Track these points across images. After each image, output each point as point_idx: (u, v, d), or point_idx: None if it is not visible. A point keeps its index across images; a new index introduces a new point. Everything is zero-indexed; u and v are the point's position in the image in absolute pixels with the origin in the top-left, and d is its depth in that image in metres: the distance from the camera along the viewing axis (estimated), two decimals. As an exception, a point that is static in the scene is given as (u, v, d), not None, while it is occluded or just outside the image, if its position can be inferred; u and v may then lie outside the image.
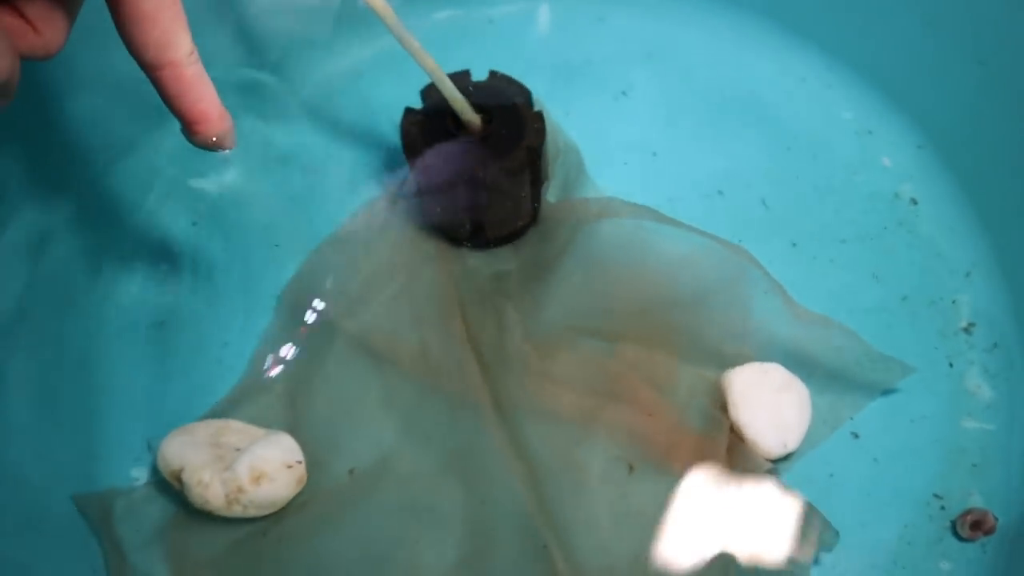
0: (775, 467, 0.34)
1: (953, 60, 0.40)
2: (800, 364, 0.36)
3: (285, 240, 0.40)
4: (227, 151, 0.30)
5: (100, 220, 0.39)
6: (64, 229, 0.38)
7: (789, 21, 0.45)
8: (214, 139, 0.29)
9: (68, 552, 0.33)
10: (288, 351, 0.37)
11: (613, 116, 0.43)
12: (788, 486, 0.34)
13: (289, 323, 0.38)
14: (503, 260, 0.39)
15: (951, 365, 0.37)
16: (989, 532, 0.33)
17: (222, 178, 0.42)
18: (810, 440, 0.35)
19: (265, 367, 0.37)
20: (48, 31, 0.26)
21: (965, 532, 0.33)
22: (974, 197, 0.40)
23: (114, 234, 0.40)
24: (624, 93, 0.44)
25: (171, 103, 0.28)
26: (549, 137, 0.39)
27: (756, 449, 0.34)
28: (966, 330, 0.38)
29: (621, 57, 0.45)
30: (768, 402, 0.34)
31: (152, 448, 0.35)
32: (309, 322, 0.37)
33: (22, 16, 0.25)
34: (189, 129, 0.29)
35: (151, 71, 0.27)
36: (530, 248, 0.39)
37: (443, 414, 0.35)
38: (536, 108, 0.37)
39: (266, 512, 0.33)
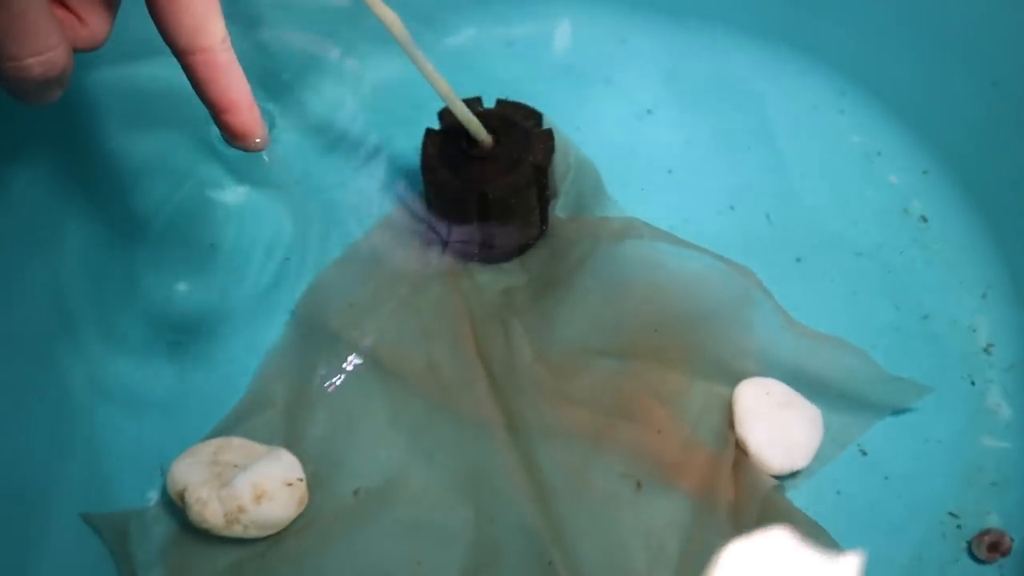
0: (781, 484, 0.34)
1: (966, 81, 0.40)
2: (807, 383, 0.35)
3: (297, 256, 0.40)
4: (261, 151, 0.30)
5: (117, 236, 0.40)
6: (81, 243, 0.38)
7: (802, 44, 0.45)
8: (245, 133, 0.29)
9: (79, 571, 0.33)
10: (296, 366, 0.37)
11: (631, 135, 0.43)
12: (795, 504, 0.33)
13: (298, 339, 0.38)
14: (512, 275, 0.39)
15: (973, 383, 0.37)
16: (1005, 554, 0.32)
17: (238, 194, 0.42)
18: (820, 459, 0.34)
19: (270, 384, 0.37)
20: (93, 21, 0.26)
21: (982, 553, 0.33)
22: (990, 218, 0.40)
23: (130, 250, 0.40)
24: (644, 113, 0.44)
25: (201, 90, 0.28)
26: (559, 155, 0.39)
27: (760, 465, 0.34)
28: (986, 350, 0.37)
29: (640, 78, 0.45)
30: (771, 418, 0.34)
31: (163, 470, 0.35)
32: (320, 338, 0.38)
33: (68, 8, 0.26)
34: (218, 119, 0.29)
35: (183, 56, 0.27)
36: (539, 264, 0.39)
37: (451, 431, 0.35)
38: (546, 127, 0.38)
39: (266, 533, 0.33)
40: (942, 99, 0.41)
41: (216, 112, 0.28)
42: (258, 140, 0.29)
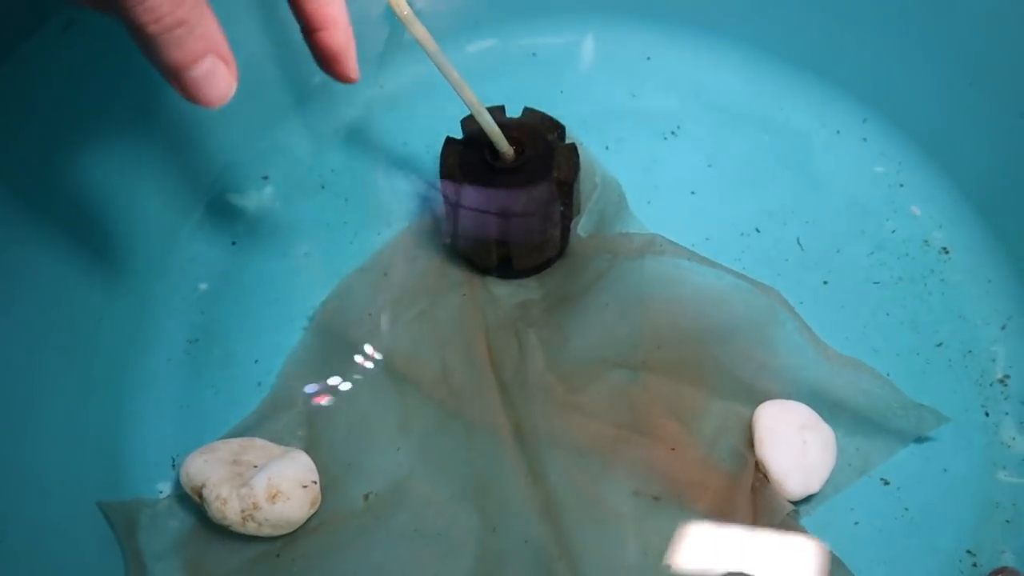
0: (797, 510, 0.34)
1: (993, 114, 0.40)
2: (827, 405, 0.35)
3: (318, 262, 0.41)
4: (354, 82, 0.29)
5: (143, 237, 0.40)
6: (106, 240, 0.39)
7: (827, 70, 0.45)
8: (339, 54, 0.28)
9: (90, 559, 0.33)
10: (313, 372, 0.37)
11: (654, 153, 0.43)
12: (812, 533, 0.33)
13: (317, 345, 0.38)
14: (529, 290, 0.39)
15: (987, 415, 0.36)
16: (1019, 591, 0.32)
17: (262, 199, 0.43)
18: (834, 484, 0.34)
19: (290, 387, 0.37)
20: None
21: (994, 591, 0.32)
22: (1012, 250, 0.40)
23: (154, 251, 0.41)
24: (668, 132, 0.44)
25: (299, 5, 0.28)
26: (585, 171, 0.39)
27: (779, 489, 0.33)
28: (1001, 381, 0.37)
29: (665, 96, 0.45)
30: (792, 441, 0.34)
31: (176, 465, 0.35)
32: (338, 345, 0.38)
33: None
34: (312, 38, 0.28)
35: None
36: (557, 280, 0.39)
37: (461, 440, 0.35)
38: (570, 142, 0.37)
39: (280, 532, 0.33)
40: (966, 131, 0.41)
41: (311, 30, 0.28)
42: (351, 64, 0.29)
